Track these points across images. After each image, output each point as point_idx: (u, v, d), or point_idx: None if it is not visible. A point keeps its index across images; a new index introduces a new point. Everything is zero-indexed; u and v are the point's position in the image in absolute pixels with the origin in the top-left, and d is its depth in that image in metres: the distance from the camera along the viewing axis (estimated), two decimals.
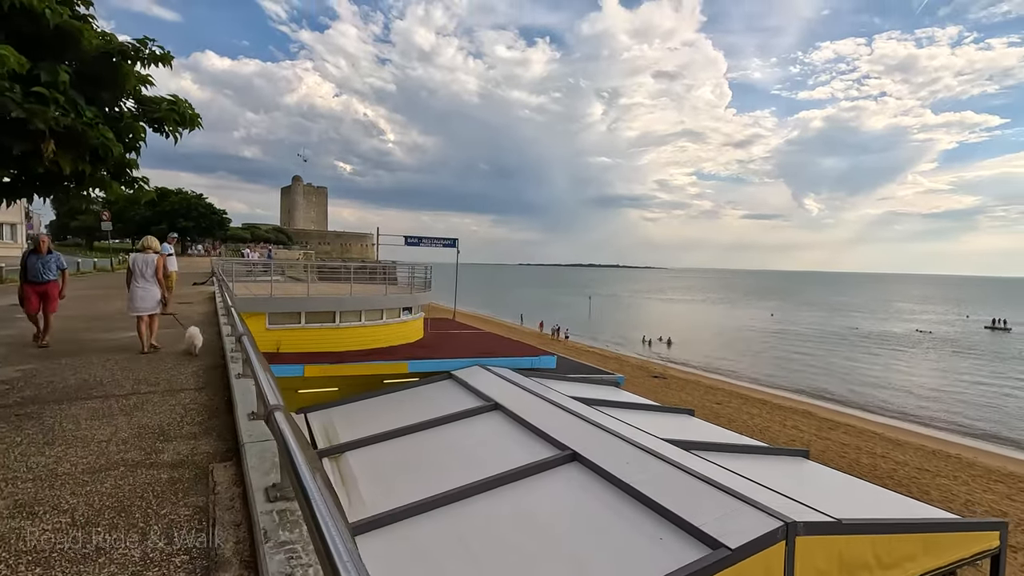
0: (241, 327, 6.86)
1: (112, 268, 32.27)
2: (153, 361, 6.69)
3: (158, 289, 8.02)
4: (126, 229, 71.38)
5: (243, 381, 4.99)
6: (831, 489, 10.12)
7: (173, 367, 6.38)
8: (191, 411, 4.61)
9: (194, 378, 5.83)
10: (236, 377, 5.10)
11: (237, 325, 7.91)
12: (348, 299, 15.99)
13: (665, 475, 8.34)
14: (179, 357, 7.06)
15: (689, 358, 47.96)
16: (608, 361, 40.95)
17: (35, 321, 7.92)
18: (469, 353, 17.19)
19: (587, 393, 16.15)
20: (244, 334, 5.35)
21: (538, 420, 11.50)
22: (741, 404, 29.28)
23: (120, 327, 9.70)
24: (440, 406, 14.01)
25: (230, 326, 7.64)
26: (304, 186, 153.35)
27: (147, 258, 8.01)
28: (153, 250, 8.23)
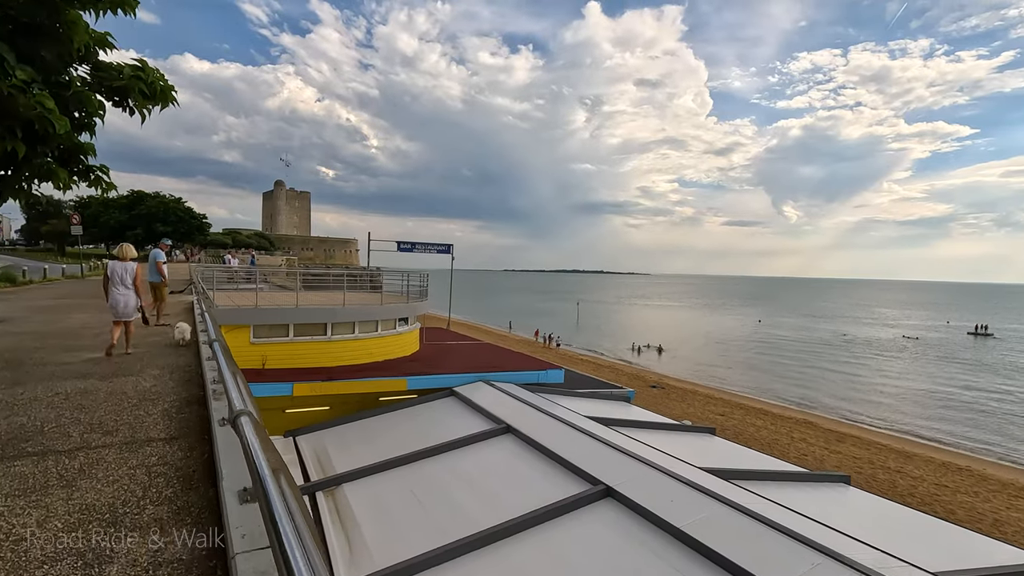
0: (213, 332, 6.60)
1: (82, 275, 30.36)
2: (115, 394, 5.41)
3: (136, 296, 8.33)
4: (99, 234, 68.77)
5: (229, 431, 3.77)
6: (896, 528, 9.09)
7: (138, 402, 5.10)
8: (157, 478, 3.38)
9: (164, 420, 4.57)
10: (220, 423, 3.88)
11: (210, 329, 7.16)
12: (341, 310, 14.68)
13: (721, 518, 7.23)
14: (150, 381, 5.79)
15: (682, 366, 47.21)
16: (603, 370, 39.95)
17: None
18: (471, 367, 15.98)
19: (600, 411, 15.03)
20: (216, 340, 5.37)
21: (558, 446, 10.34)
22: (744, 415, 28.43)
23: (81, 346, 8.34)
24: (445, 428, 12.77)
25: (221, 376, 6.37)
26: (287, 191, 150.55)
27: (126, 266, 8.23)
28: (131, 258, 8.42)
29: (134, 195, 68.49)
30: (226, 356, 4.48)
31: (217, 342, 5.32)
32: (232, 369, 3.91)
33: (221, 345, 5.16)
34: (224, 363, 4.08)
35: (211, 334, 7.22)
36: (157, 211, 66.05)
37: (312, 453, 11.81)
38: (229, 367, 3.94)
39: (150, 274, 12.15)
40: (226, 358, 4.31)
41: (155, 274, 12.07)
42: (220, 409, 4.21)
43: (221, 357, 4.41)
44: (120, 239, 65.64)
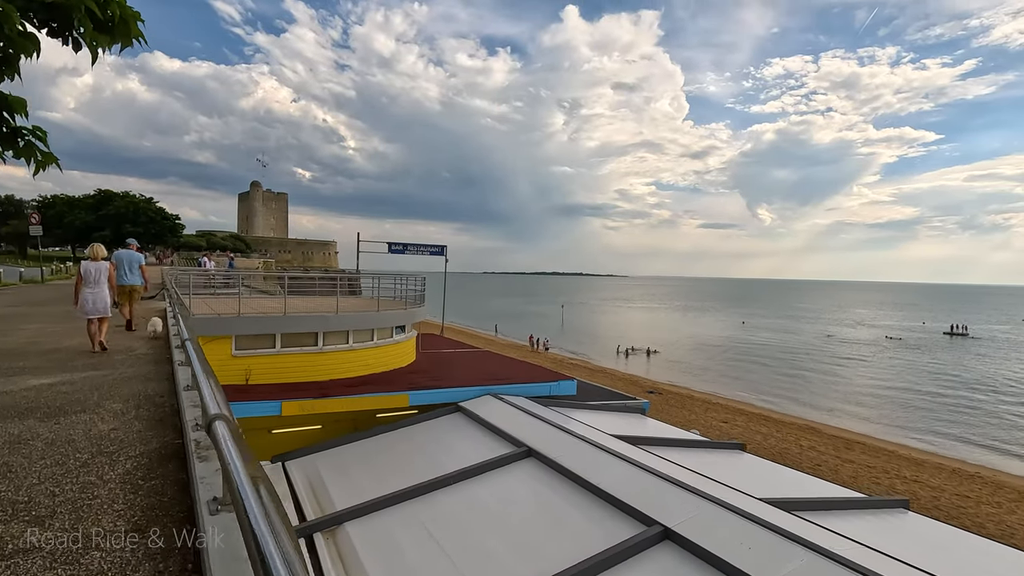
0: (185, 332, 6.08)
1: (42, 279, 28.10)
2: (58, 444, 3.97)
3: (108, 294, 8.78)
4: (64, 235, 65.48)
5: (225, 517, 2.45)
6: (985, 566, 8.04)
7: (90, 458, 3.69)
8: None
9: (125, 492, 3.17)
10: (213, 511, 2.53)
11: (183, 330, 6.54)
12: (334, 318, 13.20)
13: (815, 570, 6.05)
14: (109, 420, 4.38)
15: (673, 370, 46.47)
16: (596, 375, 38.89)
17: None
18: (475, 379, 14.64)
19: (619, 426, 13.82)
20: (188, 339, 5.17)
21: (592, 474, 9.07)
22: (747, 422, 27.58)
23: (25, 368, 6.80)
24: (455, 449, 11.40)
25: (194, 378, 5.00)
26: (263, 192, 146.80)
27: (99, 266, 8.79)
28: (102, 257, 8.97)
29: (101, 195, 65.30)
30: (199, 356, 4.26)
31: (190, 341, 5.07)
32: (206, 370, 3.71)
33: (194, 344, 4.88)
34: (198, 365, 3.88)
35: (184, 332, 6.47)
36: (126, 211, 63.05)
37: (305, 483, 10.34)
38: (204, 368, 3.77)
39: (133, 276, 11.16)
40: (199, 358, 4.11)
41: (139, 276, 11.39)
42: (207, 486, 2.86)
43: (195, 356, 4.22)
44: (87, 241, 62.68)
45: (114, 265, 10.43)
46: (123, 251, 11.40)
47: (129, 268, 11.08)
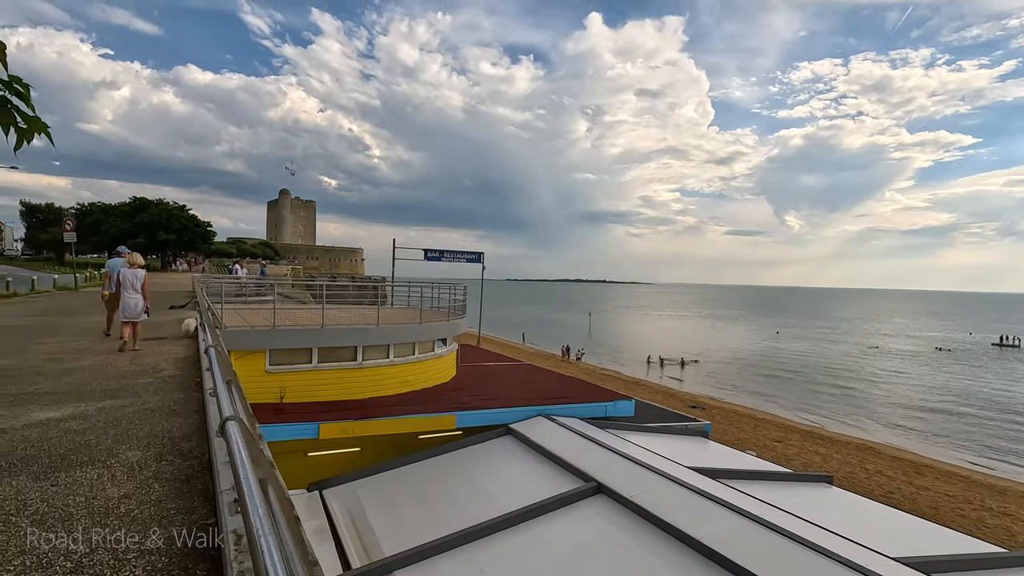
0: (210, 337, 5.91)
1: (76, 286, 27.90)
2: (43, 523, 2.92)
3: (143, 299, 9.19)
4: (100, 242, 66.62)
5: None
6: None
7: (86, 554, 2.61)
8: None
9: None
10: None
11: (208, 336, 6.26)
12: (374, 330, 12.16)
13: None
14: (124, 480, 3.34)
15: (711, 383, 44.54)
16: (632, 388, 37.31)
17: None
18: (525, 397, 13.44)
19: (684, 451, 12.44)
20: (212, 345, 4.88)
21: (680, 518, 7.75)
22: (801, 441, 25.75)
23: (37, 394, 5.86)
24: (511, 482, 10.17)
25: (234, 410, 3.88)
26: (292, 200, 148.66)
27: (136, 272, 9.26)
28: (139, 265, 9.49)
29: (136, 202, 66.28)
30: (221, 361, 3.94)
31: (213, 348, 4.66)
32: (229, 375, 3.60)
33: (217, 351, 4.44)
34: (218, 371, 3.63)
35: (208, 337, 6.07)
36: (160, 219, 63.77)
37: (346, 517, 9.25)
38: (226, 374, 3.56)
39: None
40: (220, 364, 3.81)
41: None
42: None
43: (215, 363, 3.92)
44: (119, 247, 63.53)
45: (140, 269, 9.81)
46: (116, 260, 11.10)
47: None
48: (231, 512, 2.66)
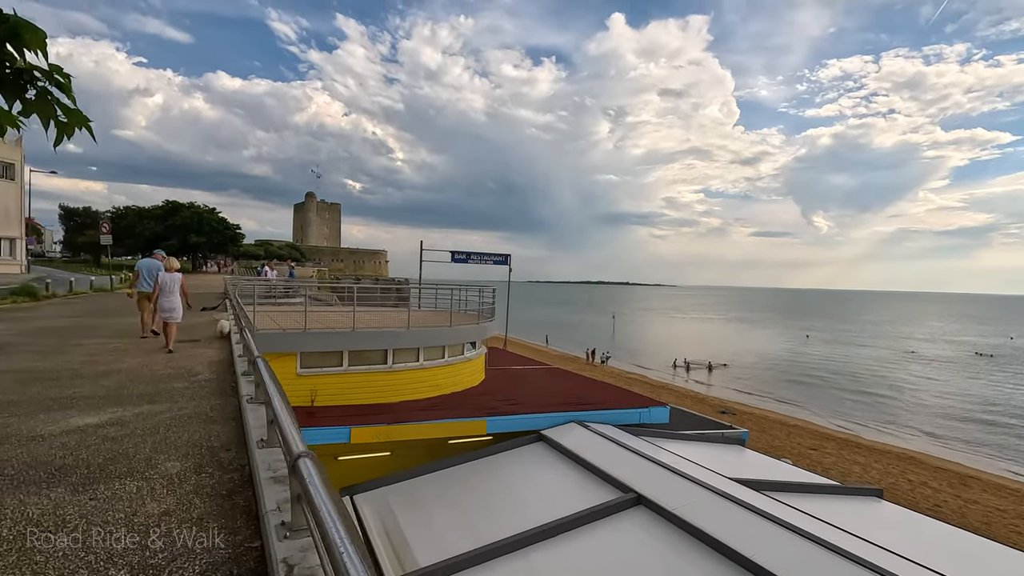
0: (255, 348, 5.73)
1: (111, 288, 28.54)
2: (84, 549, 2.76)
3: (180, 300, 9.61)
4: (135, 245, 68.36)
5: None
6: None
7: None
8: None
9: None
10: None
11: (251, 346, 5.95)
12: (404, 333, 12.02)
13: None
14: (164, 495, 3.19)
15: (740, 387, 43.53)
16: (659, 391, 36.66)
17: None
18: (556, 402, 13.15)
19: (721, 460, 12.00)
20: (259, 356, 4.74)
21: (727, 534, 7.38)
22: (838, 449, 24.87)
23: (74, 398, 5.81)
24: (545, 490, 9.89)
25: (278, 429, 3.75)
26: (317, 202, 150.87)
27: (173, 276, 9.73)
28: (175, 269, 10.06)
29: (169, 205, 67.93)
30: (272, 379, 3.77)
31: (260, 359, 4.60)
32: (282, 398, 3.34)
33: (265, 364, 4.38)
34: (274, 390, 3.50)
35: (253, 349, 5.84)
36: (191, 221, 65.22)
37: (378, 524, 9.08)
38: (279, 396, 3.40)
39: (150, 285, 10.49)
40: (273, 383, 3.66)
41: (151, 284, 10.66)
42: None
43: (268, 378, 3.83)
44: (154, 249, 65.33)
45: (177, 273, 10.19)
46: (146, 260, 11.21)
47: (148, 276, 10.79)
48: (279, 537, 2.47)
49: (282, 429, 2.81)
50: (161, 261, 10.66)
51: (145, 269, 10.82)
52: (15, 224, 41.33)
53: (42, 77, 2.16)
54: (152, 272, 10.59)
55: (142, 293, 10.85)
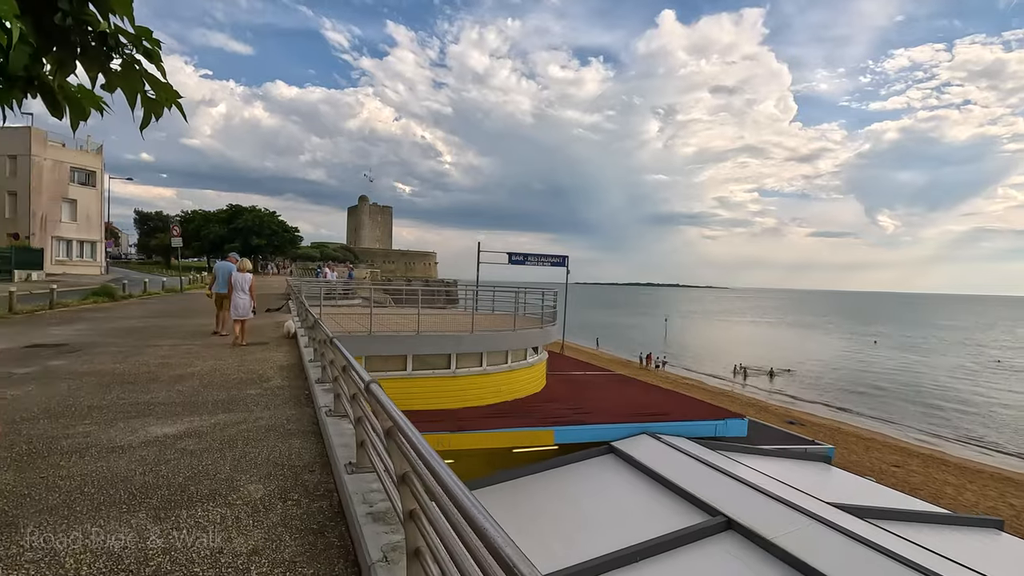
0: (365, 378, 4.04)
1: (181, 289, 29.78)
2: None
3: (250, 299, 10.22)
4: (201, 247, 71.77)
5: None
6: None
7: None
8: None
9: None
10: None
11: (345, 353, 4.53)
12: (468, 337, 11.67)
13: None
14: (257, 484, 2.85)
15: (806, 396, 41.19)
16: (719, 400, 35.09)
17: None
18: (624, 412, 12.48)
19: (806, 479, 11.00)
20: (372, 381, 3.12)
21: (832, 568, 6.60)
22: (923, 467, 22.92)
23: (151, 404, 5.68)
24: (622, 508, 9.27)
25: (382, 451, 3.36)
26: (370, 205, 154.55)
27: (245, 276, 10.38)
28: (247, 270, 10.59)
29: (232, 209, 71.02)
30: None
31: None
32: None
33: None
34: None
35: (343, 357, 4.74)
36: (253, 225, 67.91)
37: None
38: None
39: (225, 286, 11.08)
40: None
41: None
42: None
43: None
44: (220, 252, 68.84)
45: (248, 273, 10.81)
46: (220, 262, 11.85)
47: (223, 277, 11.32)
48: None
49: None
50: (234, 263, 11.07)
51: (221, 271, 11.42)
52: (96, 228, 44.01)
53: (128, 43, 1.80)
54: (227, 273, 11.06)
55: (219, 294, 11.42)
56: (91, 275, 38.39)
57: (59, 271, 36.90)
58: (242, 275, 10.37)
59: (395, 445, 2.20)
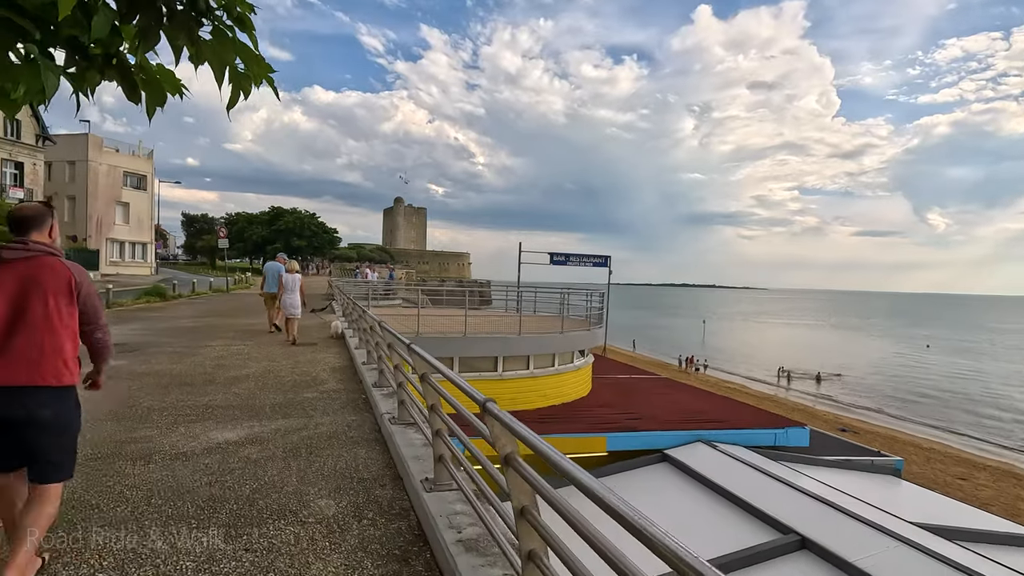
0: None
1: (227, 289, 30.53)
2: None
3: (300, 299, 10.75)
4: (244, 248, 73.89)
5: None
6: None
7: None
8: None
9: None
10: None
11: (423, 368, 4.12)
12: (515, 340, 11.39)
13: None
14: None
15: (855, 402, 39.39)
16: (764, 403, 33.86)
17: None
18: (677, 418, 11.97)
19: (874, 492, 10.25)
20: (434, 404, 3.44)
21: None
22: (995, 481, 21.48)
23: (209, 407, 5.58)
24: (681, 521, 8.79)
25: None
26: (405, 207, 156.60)
27: (294, 277, 10.91)
28: (294, 270, 11.17)
29: (274, 211, 72.92)
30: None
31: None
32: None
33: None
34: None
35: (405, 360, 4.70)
36: (294, 226, 69.57)
37: None
38: None
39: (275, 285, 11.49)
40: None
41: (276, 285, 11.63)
42: None
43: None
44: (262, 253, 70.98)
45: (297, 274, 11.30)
46: (270, 263, 12.28)
47: (273, 277, 11.70)
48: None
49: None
50: (283, 263, 11.52)
51: (271, 272, 11.80)
52: (146, 230, 45.70)
53: (219, 7, 1.56)
54: (276, 274, 11.44)
55: (269, 293, 11.78)
56: (142, 276, 39.82)
57: (113, 272, 38.40)
58: (292, 276, 10.88)
59: (514, 472, 1.92)
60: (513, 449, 2.00)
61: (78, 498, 3.23)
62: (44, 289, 2.25)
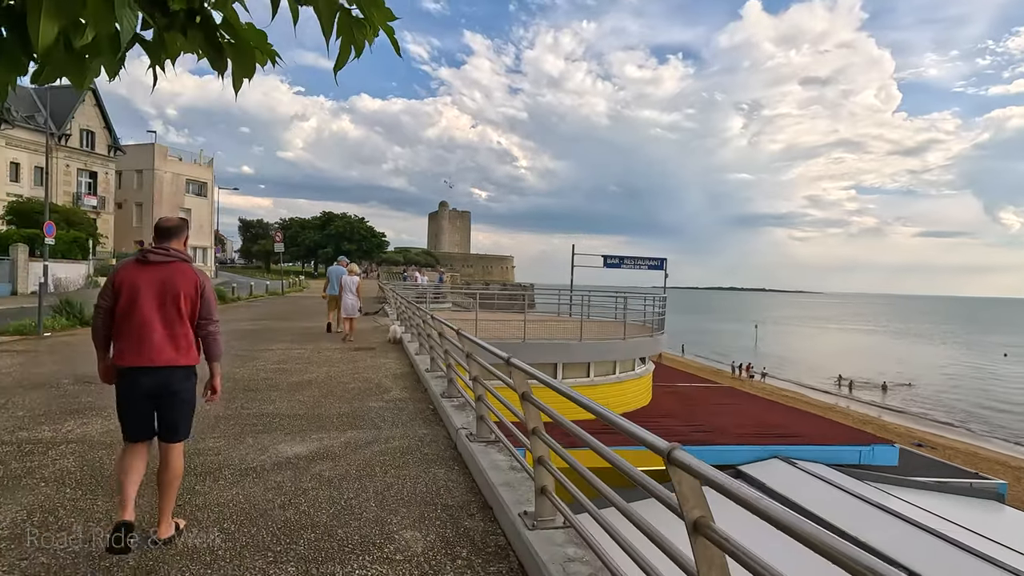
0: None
1: (283, 292, 31.30)
2: None
3: (357, 299, 11.36)
4: (298, 252, 76.23)
5: None
6: None
7: None
8: None
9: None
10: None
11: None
12: (576, 346, 10.92)
13: None
14: None
15: (928, 414, 36.76)
16: (828, 414, 31.97)
17: None
18: (749, 432, 11.19)
19: (994, 528, 9.27)
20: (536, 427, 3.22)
21: None
22: None
23: (275, 417, 5.40)
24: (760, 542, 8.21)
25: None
26: (449, 211, 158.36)
27: (352, 279, 11.50)
28: (354, 273, 11.79)
29: (325, 216, 75.00)
30: None
31: None
32: None
33: None
34: None
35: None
36: (344, 231, 71.32)
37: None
38: None
39: (337, 288, 11.93)
40: None
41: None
42: None
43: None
44: (314, 256, 73.10)
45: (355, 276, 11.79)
46: (333, 267, 12.74)
47: (335, 280, 12.10)
48: None
49: None
50: (344, 267, 11.91)
51: (333, 275, 12.21)
52: (207, 235, 47.63)
53: None
54: (338, 277, 11.85)
55: (332, 296, 12.14)
56: None
57: None
58: (350, 278, 11.37)
59: (703, 538, 1.48)
60: (704, 514, 1.55)
61: (147, 519, 2.98)
62: (178, 289, 2.79)
